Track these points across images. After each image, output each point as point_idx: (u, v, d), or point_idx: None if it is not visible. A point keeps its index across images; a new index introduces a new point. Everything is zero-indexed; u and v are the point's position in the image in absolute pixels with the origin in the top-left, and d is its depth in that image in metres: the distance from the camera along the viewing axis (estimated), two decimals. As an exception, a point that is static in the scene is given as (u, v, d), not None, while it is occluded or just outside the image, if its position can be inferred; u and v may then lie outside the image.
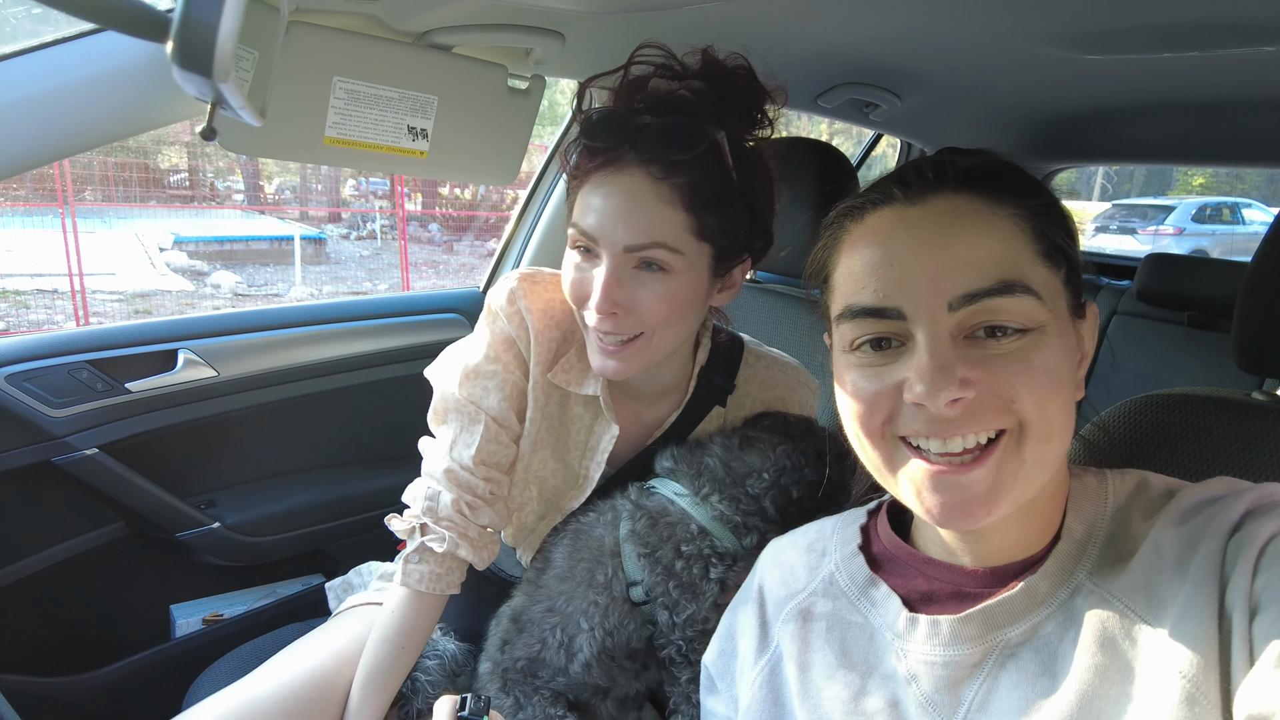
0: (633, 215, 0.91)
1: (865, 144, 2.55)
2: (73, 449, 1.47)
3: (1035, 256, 0.60)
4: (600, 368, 0.99)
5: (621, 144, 0.92)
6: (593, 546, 1.06)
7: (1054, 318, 0.59)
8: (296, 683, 1.07)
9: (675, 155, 0.90)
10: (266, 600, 1.75)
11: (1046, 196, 0.63)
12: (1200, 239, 12.11)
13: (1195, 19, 1.12)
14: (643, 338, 0.97)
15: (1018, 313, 0.58)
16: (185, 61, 0.43)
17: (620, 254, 0.92)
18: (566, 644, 1.04)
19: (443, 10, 1.06)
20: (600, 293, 0.92)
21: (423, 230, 14.94)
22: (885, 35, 1.35)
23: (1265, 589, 0.51)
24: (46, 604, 1.51)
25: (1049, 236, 0.61)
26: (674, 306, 0.95)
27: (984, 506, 0.58)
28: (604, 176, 0.93)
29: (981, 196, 0.61)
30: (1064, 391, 0.59)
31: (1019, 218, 0.60)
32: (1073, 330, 0.62)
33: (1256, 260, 0.78)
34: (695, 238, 0.94)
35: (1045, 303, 0.58)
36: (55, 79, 0.89)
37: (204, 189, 15.45)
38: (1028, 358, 0.57)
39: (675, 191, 0.91)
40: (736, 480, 1.02)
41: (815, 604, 0.74)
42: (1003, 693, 0.60)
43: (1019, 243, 0.59)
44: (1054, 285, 0.60)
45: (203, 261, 11.32)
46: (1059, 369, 0.59)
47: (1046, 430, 0.58)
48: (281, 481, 1.78)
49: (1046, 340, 0.58)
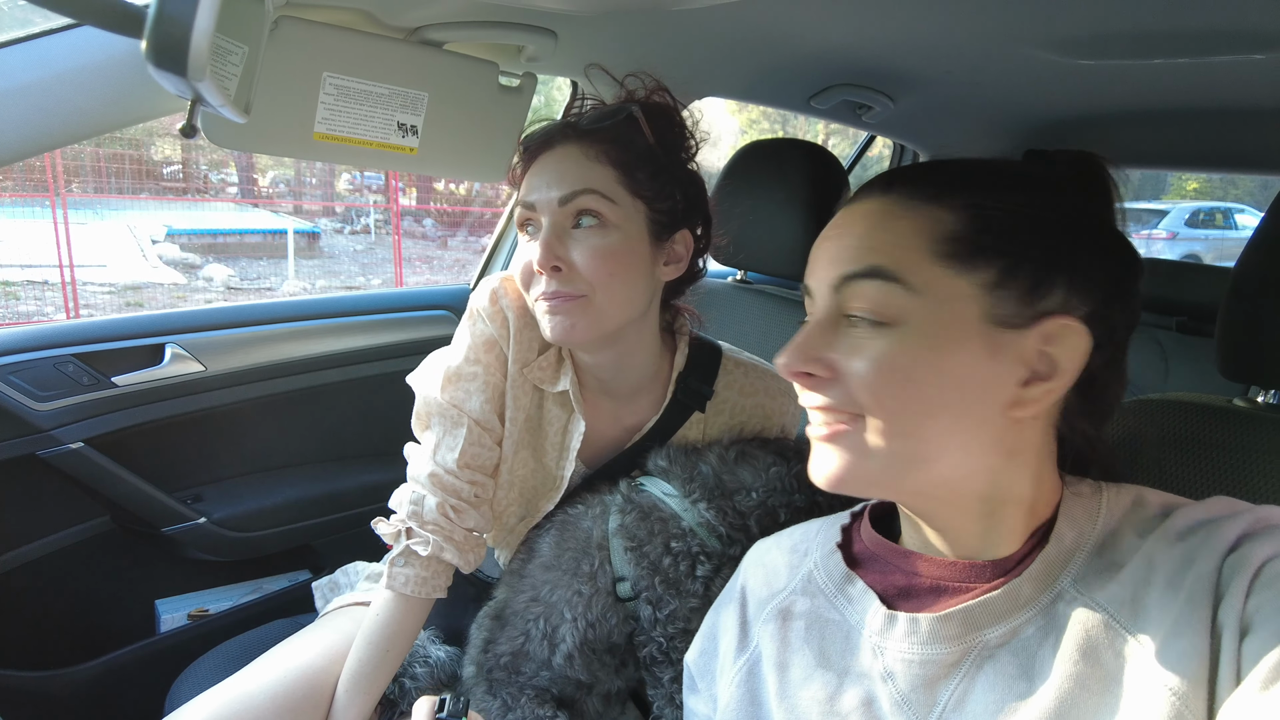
0: (564, 173, 0.98)
1: (858, 145, 2.55)
2: (58, 443, 1.46)
3: (929, 254, 0.60)
4: (551, 331, 1.00)
5: (546, 133, 1.03)
6: (580, 538, 1.06)
7: (935, 313, 0.59)
8: (288, 679, 1.07)
9: (596, 125, 1.00)
10: (253, 596, 1.74)
11: (979, 200, 0.62)
12: (1193, 243, 12.16)
13: (1187, 26, 1.12)
14: (586, 299, 0.98)
15: (874, 299, 0.61)
16: (160, 60, 0.42)
17: (556, 209, 0.97)
18: (550, 634, 1.04)
19: (435, 7, 1.05)
20: (541, 247, 0.97)
21: (417, 225, 14.88)
22: (879, 38, 1.35)
23: (1257, 611, 0.51)
24: (30, 598, 1.51)
25: (970, 239, 0.60)
26: (613, 261, 0.98)
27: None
28: (538, 158, 1.02)
29: (898, 198, 0.64)
30: (914, 384, 0.60)
31: (923, 217, 0.62)
32: (990, 339, 0.60)
33: (1239, 268, 0.78)
34: (627, 192, 0.99)
35: (919, 295, 0.59)
36: (44, 70, 0.88)
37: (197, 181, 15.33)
38: (871, 348, 0.61)
39: (601, 152, 0.99)
40: (726, 493, 1.02)
41: (795, 603, 0.74)
42: (979, 694, 0.60)
43: (912, 239, 0.61)
44: (954, 286, 0.60)
45: (195, 254, 11.25)
46: (907, 360, 0.60)
47: (884, 426, 0.61)
48: (269, 477, 1.77)
49: (905, 338, 0.60)
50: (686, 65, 1.01)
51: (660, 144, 1.02)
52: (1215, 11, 1.06)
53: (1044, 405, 0.61)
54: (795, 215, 1.52)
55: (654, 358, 1.12)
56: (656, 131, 1.02)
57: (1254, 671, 0.49)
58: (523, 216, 1.02)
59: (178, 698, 1.21)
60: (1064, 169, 0.67)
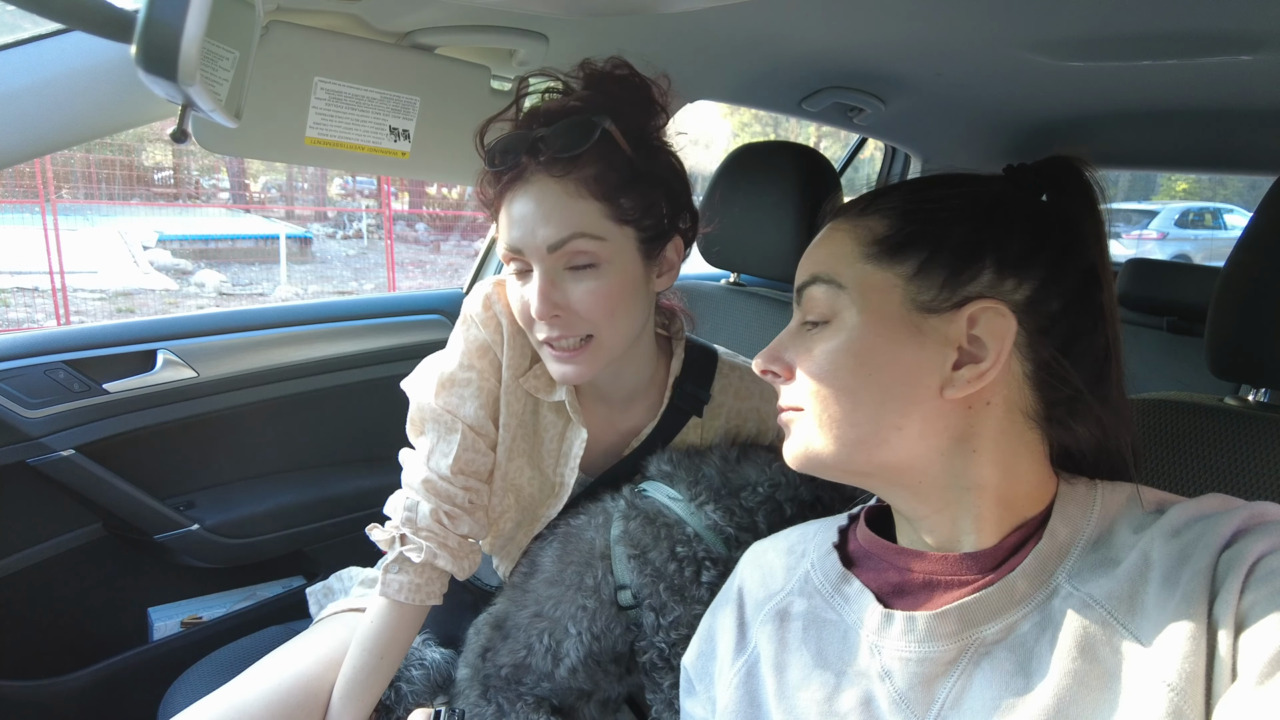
0: (548, 215, 0.92)
1: (850, 148, 2.56)
2: (49, 450, 1.45)
3: (860, 259, 0.67)
4: (560, 375, 0.99)
5: (520, 159, 0.93)
6: (583, 550, 1.05)
7: (857, 311, 0.65)
8: (283, 687, 1.06)
9: (570, 152, 0.91)
10: (246, 603, 1.73)
11: (908, 202, 0.68)
12: (1183, 243, 12.23)
13: (1174, 28, 1.13)
14: (594, 340, 0.97)
15: (816, 301, 0.68)
16: (149, 65, 0.42)
17: (546, 256, 0.93)
18: (554, 649, 1.03)
19: (426, 11, 1.05)
20: (538, 298, 0.93)
21: (409, 230, 14.87)
22: (869, 40, 1.36)
23: (1253, 606, 0.51)
24: (21, 606, 1.49)
25: (895, 237, 0.66)
26: (613, 299, 0.95)
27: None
28: (514, 192, 0.95)
29: (844, 219, 0.71)
30: (851, 380, 0.66)
31: (859, 227, 0.68)
32: (917, 326, 0.64)
33: (1228, 268, 0.79)
34: (615, 223, 0.94)
35: (849, 293, 0.66)
36: (34, 75, 0.88)
37: (189, 187, 15.30)
38: (808, 347, 0.69)
39: (581, 185, 0.92)
40: (732, 491, 1.01)
41: (792, 604, 0.74)
42: (977, 691, 0.60)
43: (848, 246, 0.68)
44: (879, 279, 0.65)
45: (187, 260, 11.21)
46: (845, 359, 0.65)
47: (824, 413, 0.68)
48: (262, 483, 1.76)
49: (838, 332, 0.66)
50: (678, 68, 1.01)
51: (636, 145, 0.96)
52: (1202, 14, 1.07)
53: (976, 388, 0.62)
54: (787, 218, 1.52)
55: (650, 363, 1.12)
56: (630, 131, 0.96)
57: (1250, 667, 0.49)
58: (509, 257, 0.97)
59: (171, 706, 1.20)
60: (1031, 176, 0.69)
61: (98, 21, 0.43)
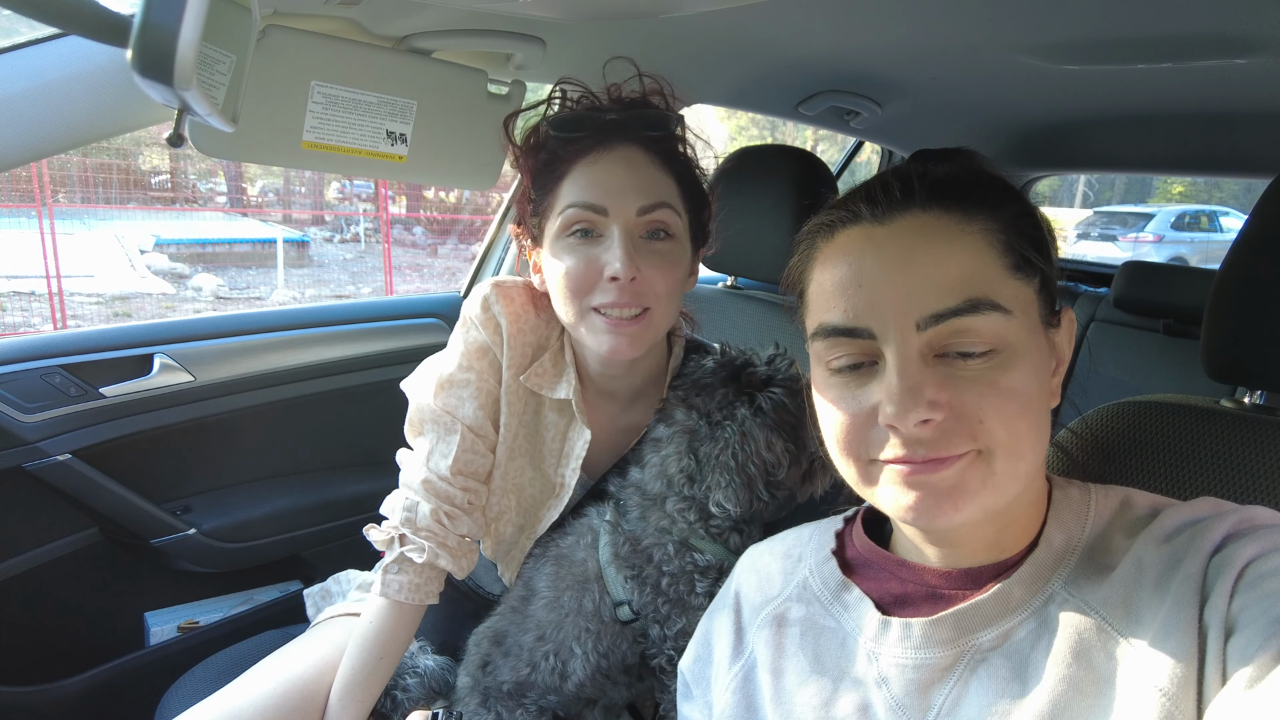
0: (639, 181, 0.97)
1: (847, 151, 2.56)
2: (45, 454, 1.44)
3: (1005, 270, 0.59)
4: (611, 347, 0.98)
5: (599, 130, 0.99)
6: (576, 573, 1.06)
7: (1026, 332, 0.59)
8: (279, 691, 1.06)
9: (660, 131, 1.00)
10: (243, 607, 1.73)
11: (1020, 206, 0.62)
12: (1179, 246, 12.26)
13: (1169, 32, 1.14)
14: (649, 314, 0.98)
15: (986, 332, 0.57)
16: (145, 69, 0.42)
17: (633, 218, 0.96)
18: (560, 668, 1.04)
19: (423, 15, 1.05)
20: (623, 259, 0.94)
21: (407, 233, 14.87)
22: (866, 44, 1.36)
23: (1242, 611, 0.51)
24: (17, 612, 1.49)
25: (1019, 249, 0.60)
26: (675, 275, 1.00)
27: (951, 502, 0.58)
28: (595, 156, 0.98)
29: (950, 211, 0.60)
30: (1033, 409, 0.59)
31: (989, 232, 0.60)
32: (1046, 340, 0.62)
33: (1223, 270, 0.79)
34: (683, 204, 1.01)
35: (1015, 317, 0.58)
36: (31, 79, 0.88)
37: (186, 191, 15.29)
38: (995, 380, 0.57)
39: (664, 162, 0.99)
40: (699, 478, 1.01)
41: (790, 609, 0.74)
42: (973, 697, 0.60)
43: (988, 258, 0.59)
44: (1026, 297, 0.60)
45: (184, 264, 11.20)
46: (1028, 388, 0.58)
47: (1016, 449, 0.58)
48: (259, 487, 1.76)
49: (1015, 360, 0.58)
50: (675, 73, 1.01)
51: (690, 150, 1.05)
52: (1197, 17, 1.07)
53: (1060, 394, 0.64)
54: (784, 221, 1.52)
55: (661, 359, 1.13)
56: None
57: (1239, 671, 0.49)
58: (578, 218, 0.97)
59: (168, 711, 1.20)
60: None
61: (94, 26, 0.43)
